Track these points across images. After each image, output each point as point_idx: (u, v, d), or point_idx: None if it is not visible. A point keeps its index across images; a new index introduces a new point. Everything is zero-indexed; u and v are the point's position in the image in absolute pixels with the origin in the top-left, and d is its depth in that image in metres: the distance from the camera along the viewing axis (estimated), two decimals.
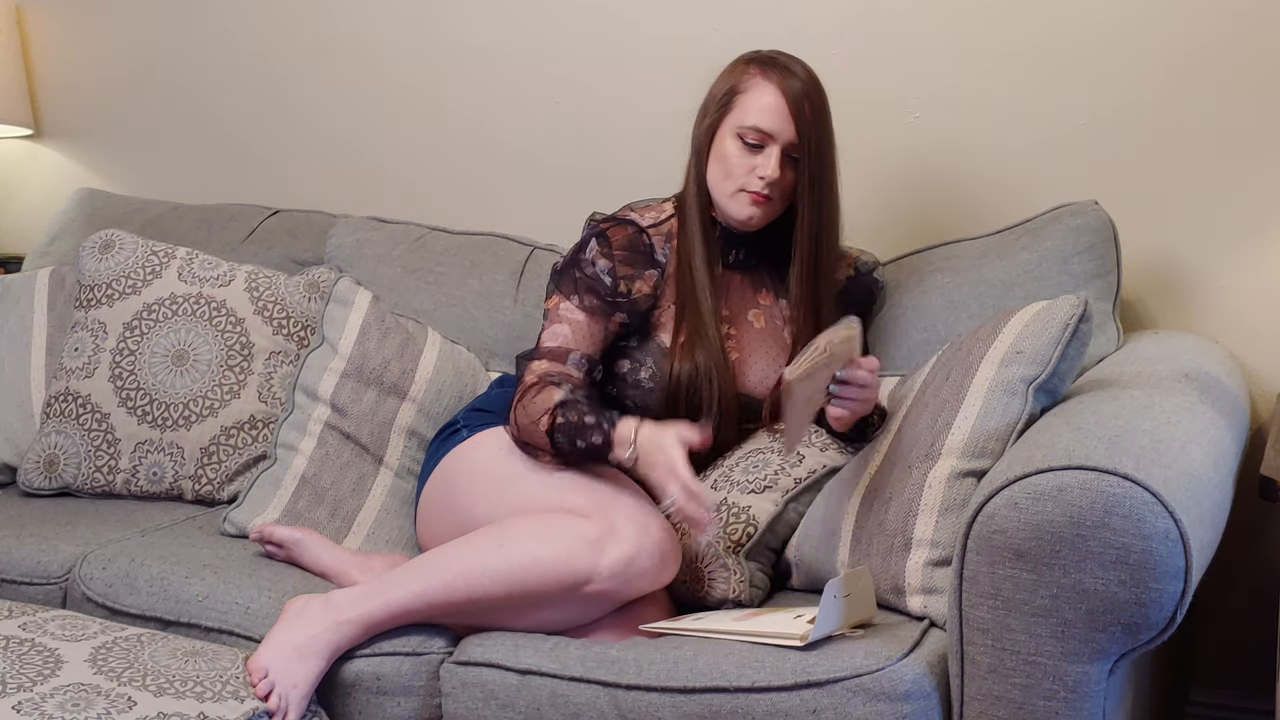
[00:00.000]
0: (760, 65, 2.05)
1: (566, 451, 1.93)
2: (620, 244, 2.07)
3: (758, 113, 2.02)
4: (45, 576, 2.11)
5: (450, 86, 2.79)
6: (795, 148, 2.02)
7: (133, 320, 2.47)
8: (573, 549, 1.80)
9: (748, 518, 1.99)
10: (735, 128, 2.03)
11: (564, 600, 1.82)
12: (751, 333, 2.13)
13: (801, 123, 2.00)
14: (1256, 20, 2.23)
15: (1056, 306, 1.82)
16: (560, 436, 1.92)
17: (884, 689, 1.58)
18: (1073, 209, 2.21)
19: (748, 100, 2.03)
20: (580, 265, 2.07)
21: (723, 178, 2.05)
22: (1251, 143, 2.25)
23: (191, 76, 3.02)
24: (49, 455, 2.43)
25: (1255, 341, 2.27)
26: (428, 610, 1.84)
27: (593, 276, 2.05)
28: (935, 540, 1.73)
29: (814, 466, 2.03)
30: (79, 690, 1.65)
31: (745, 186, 2.03)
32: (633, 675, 1.70)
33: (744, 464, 2.04)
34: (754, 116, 2.02)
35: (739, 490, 2.01)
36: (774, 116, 2.01)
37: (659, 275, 2.08)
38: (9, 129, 3.12)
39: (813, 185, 2.03)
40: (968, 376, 1.81)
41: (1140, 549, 1.47)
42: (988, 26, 2.39)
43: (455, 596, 1.83)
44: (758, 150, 2.02)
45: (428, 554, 1.90)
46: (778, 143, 2.02)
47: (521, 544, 1.82)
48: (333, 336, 2.40)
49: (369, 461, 2.31)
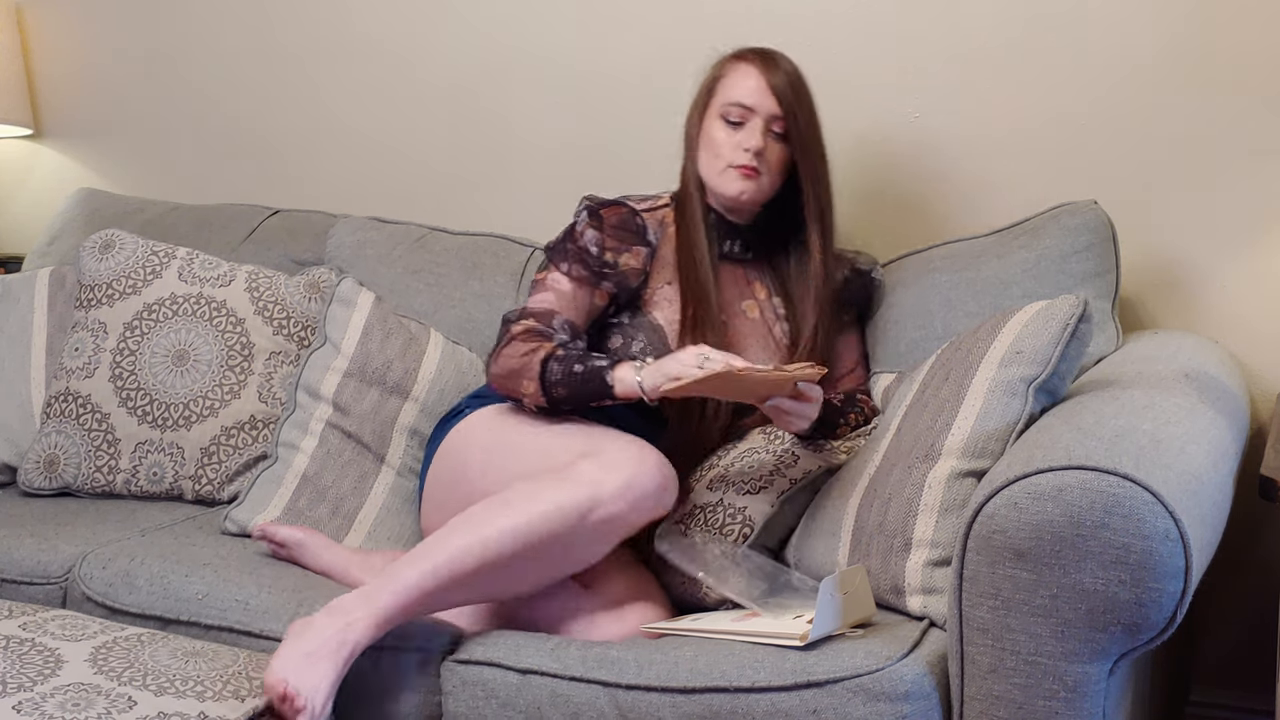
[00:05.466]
0: (739, 53, 2.14)
1: (558, 379, 1.96)
2: (611, 220, 2.13)
3: (737, 90, 2.10)
4: (45, 576, 2.11)
5: (451, 87, 2.79)
6: (778, 121, 2.09)
7: (133, 320, 2.47)
8: (575, 484, 1.80)
9: (744, 518, 1.99)
10: (718, 110, 2.11)
11: (576, 537, 1.79)
12: (746, 323, 2.15)
13: (781, 96, 2.08)
14: (1258, 20, 2.23)
15: (1056, 306, 1.82)
16: (555, 364, 1.96)
17: (884, 689, 1.58)
18: (1071, 208, 2.21)
19: (728, 83, 2.12)
20: (570, 238, 2.14)
21: (711, 158, 2.12)
22: (1252, 143, 2.25)
23: (191, 76, 3.02)
24: (49, 455, 2.43)
25: (1255, 341, 2.27)
26: (439, 589, 1.78)
27: (581, 247, 2.12)
28: (935, 541, 1.73)
29: (809, 467, 2.04)
30: (79, 690, 1.65)
31: (732, 162, 2.09)
32: (633, 675, 1.70)
33: (740, 464, 2.05)
34: (734, 94, 2.10)
35: (735, 491, 2.01)
36: (753, 92, 2.09)
37: (649, 253, 2.14)
38: (9, 129, 3.12)
39: (805, 154, 2.11)
40: (967, 376, 1.81)
41: (1140, 549, 1.47)
42: (988, 26, 2.39)
43: (467, 565, 1.78)
44: (740, 127, 2.10)
45: (431, 536, 1.85)
46: (759, 115, 2.09)
47: (527, 499, 1.80)
48: (335, 336, 2.40)
49: (370, 460, 2.31)
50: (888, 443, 1.90)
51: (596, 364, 1.96)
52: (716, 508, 2.01)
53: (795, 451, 2.04)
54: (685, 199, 2.16)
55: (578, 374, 1.96)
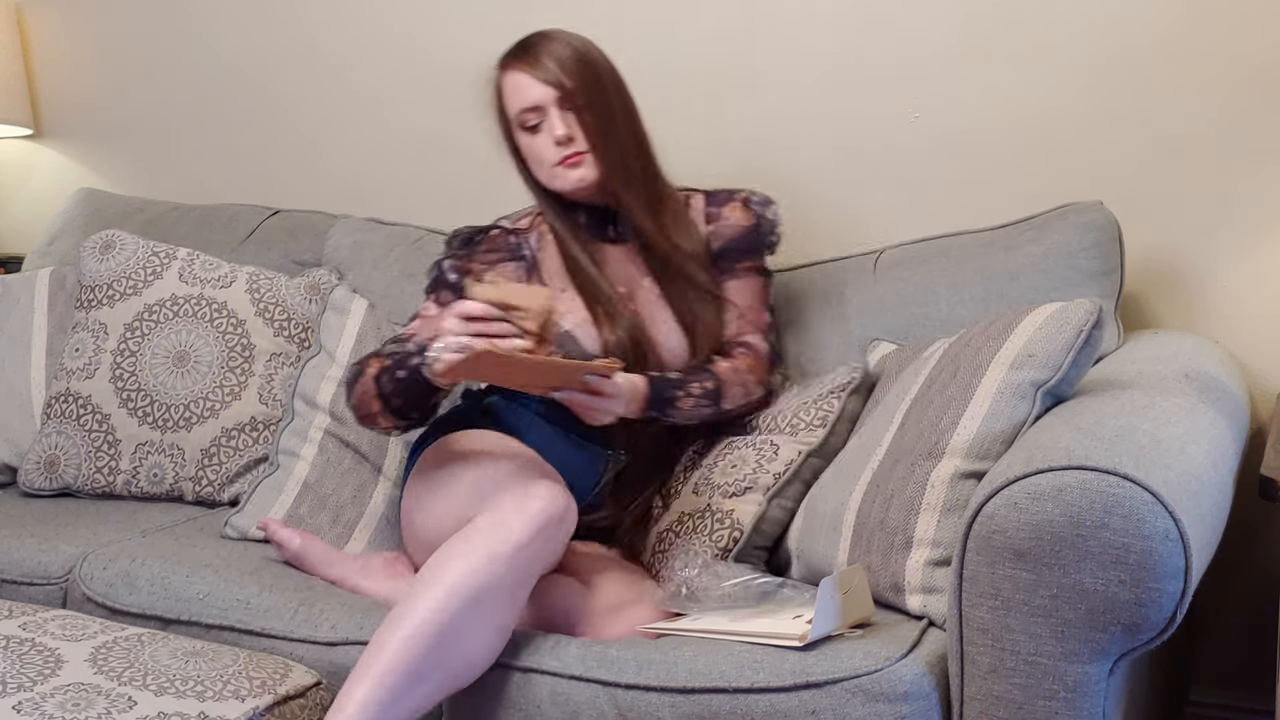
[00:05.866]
0: (503, 62, 2.13)
1: (391, 391, 1.97)
2: (479, 245, 2.18)
3: (515, 99, 2.10)
4: (46, 577, 2.11)
5: (451, 86, 2.79)
6: (565, 101, 2.07)
7: (134, 321, 2.47)
8: (475, 545, 1.73)
9: (732, 522, 1.99)
10: (516, 124, 2.11)
11: (505, 581, 1.73)
12: (651, 299, 2.14)
13: (553, 76, 2.06)
14: (1261, 20, 2.23)
15: (1071, 310, 1.79)
16: (385, 377, 1.97)
17: (883, 689, 1.58)
18: (1079, 207, 2.22)
19: (507, 97, 2.12)
20: (435, 269, 2.19)
21: (538, 166, 2.12)
22: (1254, 143, 2.25)
23: (192, 76, 3.02)
24: (49, 456, 2.43)
25: (1255, 341, 2.27)
26: (395, 694, 1.66)
27: (441, 277, 2.16)
28: (937, 540, 1.73)
29: (790, 457, 2.03)
30: (79, 690, 1.65)
31: (554, 160, 2.08)
32: (632, 675, 1.70)
33: (721, 465, 2.05)
34: (516, 103, 2.10)
35: (720, 495, 2.02)
36: (527, 91, 2.08)
37: (524, 265, 2.16)
38: (9, 129, 3.12)
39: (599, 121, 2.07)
40: (976, 375, 1.80)
41: (1140, 549, 1.47)
42: (988, 26, 2.39)
43: (413, 656, 1.67)
44: (540, 127, 2.09)
45: (366, 648, 1.72)
46: (548, 106, 2.08)
47: (439, 571, 1.72)
48: (330, 344, 2.40)
49: (369, 470, 2.31)
50: (890, 436, 1.89)
51: (413, 362, 1.94)
52: (704, 514, 2.01)
53: (773, 440, 2.04)
54: (545, 210, 2.16)
55: (401, 380, 1.95)
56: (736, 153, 2.56)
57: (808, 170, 2.51)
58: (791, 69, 2.52)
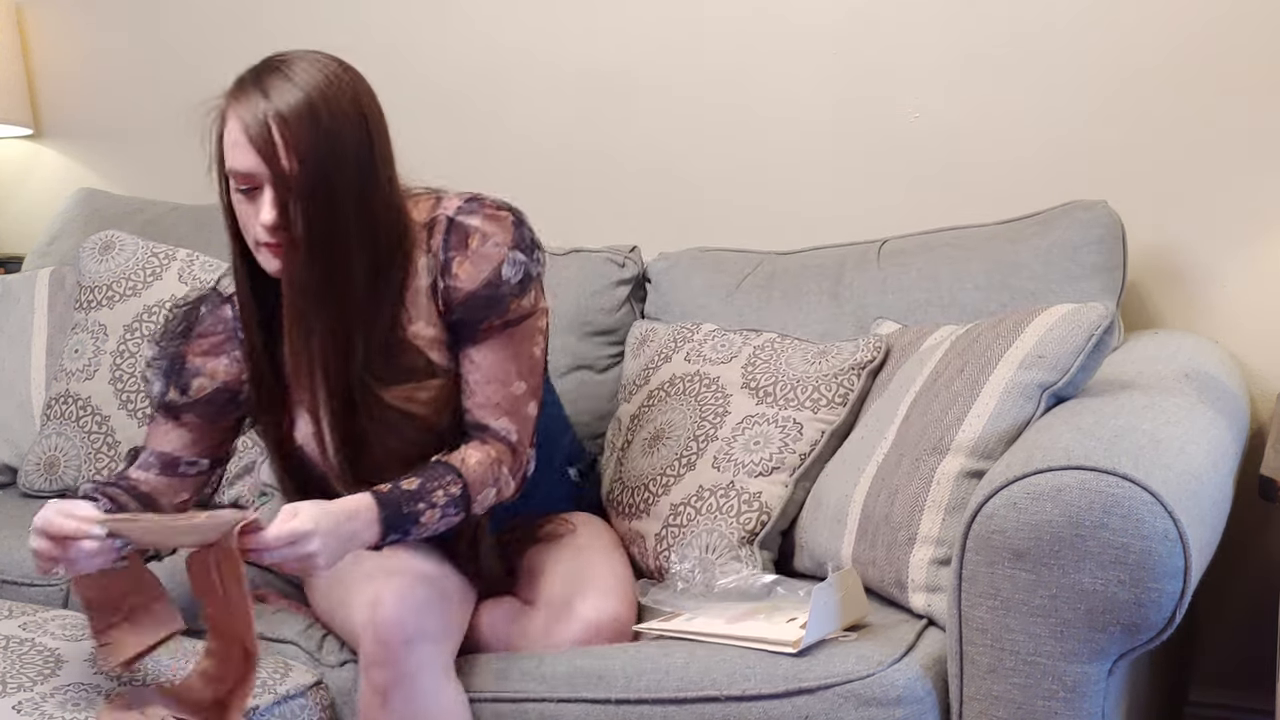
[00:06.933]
0: (230, 92, 1.73)
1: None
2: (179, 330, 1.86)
3: (230, 155, 1.69)
4: (46, 577, 2.11)
5: (451, 86, 2.79)
6: (282, 183, 1.65)
7: (133, 322, 2.47)
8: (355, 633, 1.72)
9: (760, 505, 1.96)
10: (229, 173, 1.72)
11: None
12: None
13: (271, 152, 1.64)
14: (1262, 20, 2.23)
15: (1083, 314, 1.79)
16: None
17: (875, 694, 1.58)
18: (1082, 204, 2.22)
19: (226, 144, 1.71)
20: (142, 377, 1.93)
21: (244, 232, 1.74)
22: (1255, 143, 2.25)
23: (191, 76, 3.01)
24: (49, 457, 2.43)
25: (1255, 341, 2.27)
26: None
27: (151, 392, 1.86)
28: (940, 538, 1.72)
29: (814, 437, 2.00)
30: (79, 690, 1.66)
31: (257, 239, 1.70)
32: (621, 689, 1.68)
33: (742, 439, 2.02)
34: (230, 160, 1.70)
35: (745, 473, 1.98)
36: (242, 154, 1.67)
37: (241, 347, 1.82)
38: (9, 129, 3.12)
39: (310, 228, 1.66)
40: (983, 373, 1.79)
41: (1139, 549, 1.46)
42: (988, 25, 2.39)
43: None
44: (251, 195, 1.69)
45: None
46: (264, 181, 1.66)
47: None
48: None
49: None
50: (896, 427, 1.88)
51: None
52: (729, 490, 1.98)
53: (795, 418, 2.00)
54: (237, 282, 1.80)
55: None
56: (737, 152, 2.56)
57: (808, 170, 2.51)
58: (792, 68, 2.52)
